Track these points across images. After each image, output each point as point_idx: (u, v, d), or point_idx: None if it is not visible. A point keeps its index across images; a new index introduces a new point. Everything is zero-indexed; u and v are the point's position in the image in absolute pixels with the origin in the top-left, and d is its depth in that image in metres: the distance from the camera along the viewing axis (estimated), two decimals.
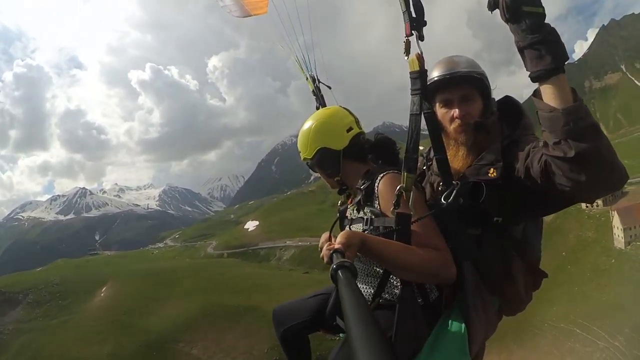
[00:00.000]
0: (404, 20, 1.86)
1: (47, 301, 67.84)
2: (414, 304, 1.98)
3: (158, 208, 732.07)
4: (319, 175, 2.49)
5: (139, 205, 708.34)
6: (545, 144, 1.61)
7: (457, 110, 2.13)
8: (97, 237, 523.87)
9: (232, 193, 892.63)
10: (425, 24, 1.87)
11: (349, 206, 2.44)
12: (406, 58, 1.94)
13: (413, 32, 1.87)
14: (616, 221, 55.07)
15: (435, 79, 2.14)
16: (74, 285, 71.56)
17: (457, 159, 2.16)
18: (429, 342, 1.97)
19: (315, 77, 3.22)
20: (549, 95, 1.53)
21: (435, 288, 2.10)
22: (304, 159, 2.43)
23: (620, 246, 53.20)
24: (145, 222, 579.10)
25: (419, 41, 1.89)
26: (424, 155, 2.50)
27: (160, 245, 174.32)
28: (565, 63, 1.49)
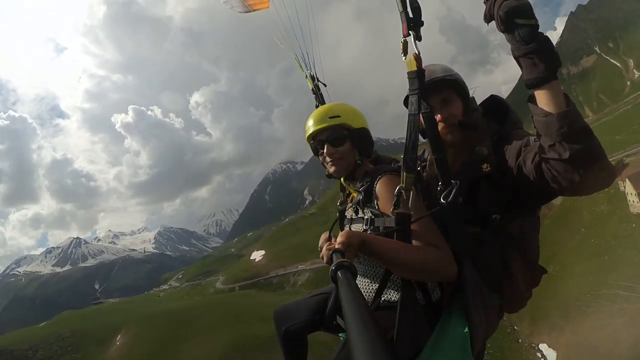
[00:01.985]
0: (401, 21, 1.93)
1: (59, 356, 64.15)
2: (415, 304, 2.01)
3: (155, 251, 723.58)
4: (336, 150, 2.37)
5: (136, 250, 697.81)
6: (541, 146, 1.70)
7: (439, 114, 2.25)
8: (96, 287, 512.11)
9: (228, 227, 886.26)
10: (422, 24, 1.93)
11: (348, 206, 2.49)
12: (404, 58, 1.99)
13: (410, 32, 1.92)
14: (629, 188, 55.08)
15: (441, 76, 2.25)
16: (86, 336, 68.18)
17: (449, 158, 2.16)
18: (431, 342, 1.98)
19: (315, 76, 3.29)
20: (543, 100, 1.63)
21: (437, 288, 2.12)
22: (342, 124, 2.36)
23: (637, 211, 53.10)
24: (144, 266, 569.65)
25: (416, 41, 1.94)
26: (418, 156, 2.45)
27: (165, 287, 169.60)
28: (558, 69, 1.57)
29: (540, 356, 33.63)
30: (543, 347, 34.80)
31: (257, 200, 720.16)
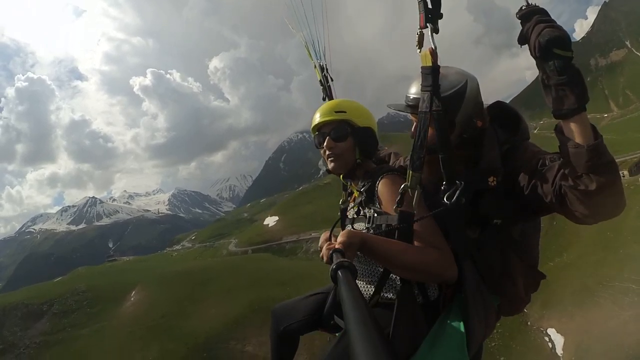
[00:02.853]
0: (419, 11, 1.85)
1: (74, 310, 64.76)
2: (413, 303, 2.02)
3: (169, 212, 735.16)
4: (337, 145, 2.37)
5: (150, 211, 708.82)
6: (564, 175, 1.72)
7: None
8: (110, 245, 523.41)
9: (241, 193, 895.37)
10: (441, 16, 1.87)
11: (350, 206, 2.49)
12: (418, 52, 1.93)
13: (428, 24, 1.86)
14: None
15: (412, 97, 2.19)
16: (102, 292, 68.65)
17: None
18: (428, 341, 1.99)
19: (324, 66, 3.22)
20: (572, 132, 1.63)
21: (436, 287, 2.13)
22: (346, 120, 2.36)
23: None
24: (158, 226, 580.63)
25: (434, 34, 1.87)
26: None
27: (178, 247, 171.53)
28: (587, 103, 1.59)
29: (547, 340, 33.41)
30: (551, 331, 34.44)
31: (272, 168, 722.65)
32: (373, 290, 2.16)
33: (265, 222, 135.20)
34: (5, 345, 58.07)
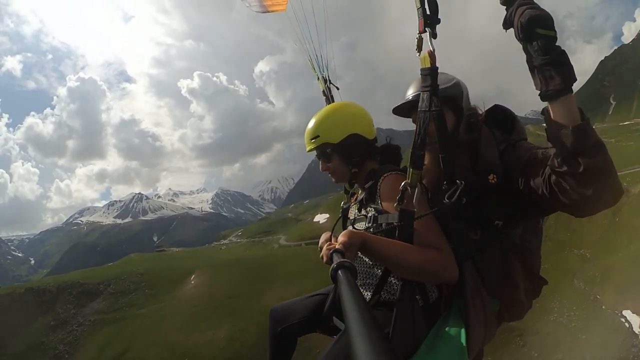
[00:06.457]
0: (418, 17, 1.96)
1: (132, 291, 64.07)
2: (413, 304, 2.02)
3: (212, 210, 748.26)
4: (327, 166, 2.46)
5: (193, 208, 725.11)
6: (553, 160, 1.72)
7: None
8: (155, 239, 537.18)
9: (282, 195, 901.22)
10: (439, 21, 1.95)
11: (351, 206, 2.55)
12: (418, 55, 2.01)
13: (426, 29, 1.95)
14: None
15: (410, 97, 2.28)
16: (159, 275, 67.86)
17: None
18: (427, 342, 2.00)
19: (327, 78, 3.33)
20: (558, 114, 1.64)
21: (435, 289, 2.15)
22: (323, 143, 2.39)
23: None
24: (201, 223, 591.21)
25: (432, 39, 1.96)
26: None
27: (225, 242, 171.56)
28: (573, 84, 1.59)
29: (624, 321, 32.19)
30: (627, 313, 33.12)
31: (314, 171, 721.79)
32: (373, 289, 2.16)
33: (316, 220, 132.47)
34: (58, 322, 57.85)
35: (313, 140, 2.39)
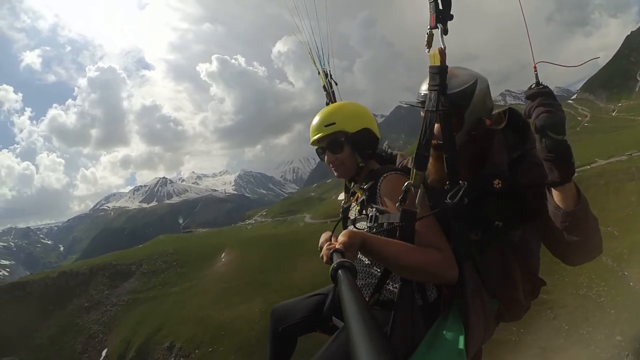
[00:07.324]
0: (430, 11, 1.89)
1: (164, 270, 65.64)
2: (412, 303, 2.03)
3: (235, 192, 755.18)
4: (336, 157, 2.39)
5: (217, 190, 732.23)
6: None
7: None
8: (180, 221, 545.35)
9: (304, 175, 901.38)
10: (451, 17, 1.90)
11: (352, 206, 2.53)
12: (427, 51, 1.97)
13: (438, 25, 1.90)
14: None
15: (421, 97, 2.17)
16: (189, 254, 69.31)
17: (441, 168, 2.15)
18: (426, 341, 2.01)
19: (328, 72, 3.22)
20: (556, 197, 1.79)
21: (434, 289, 2.16)
22: (338, 131, 2.35)
23: None
24: (225, 205, 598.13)
25: (443, 35, 1.91)
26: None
27: (250, 221, 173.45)
28: (573, 177, 1.74)
29: None
30: None
31: None
32: (372, 289, 2.16)
33: (340, 198, 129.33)
34: (92, 303, 60.04)
35: (327, 127, 2.35)
